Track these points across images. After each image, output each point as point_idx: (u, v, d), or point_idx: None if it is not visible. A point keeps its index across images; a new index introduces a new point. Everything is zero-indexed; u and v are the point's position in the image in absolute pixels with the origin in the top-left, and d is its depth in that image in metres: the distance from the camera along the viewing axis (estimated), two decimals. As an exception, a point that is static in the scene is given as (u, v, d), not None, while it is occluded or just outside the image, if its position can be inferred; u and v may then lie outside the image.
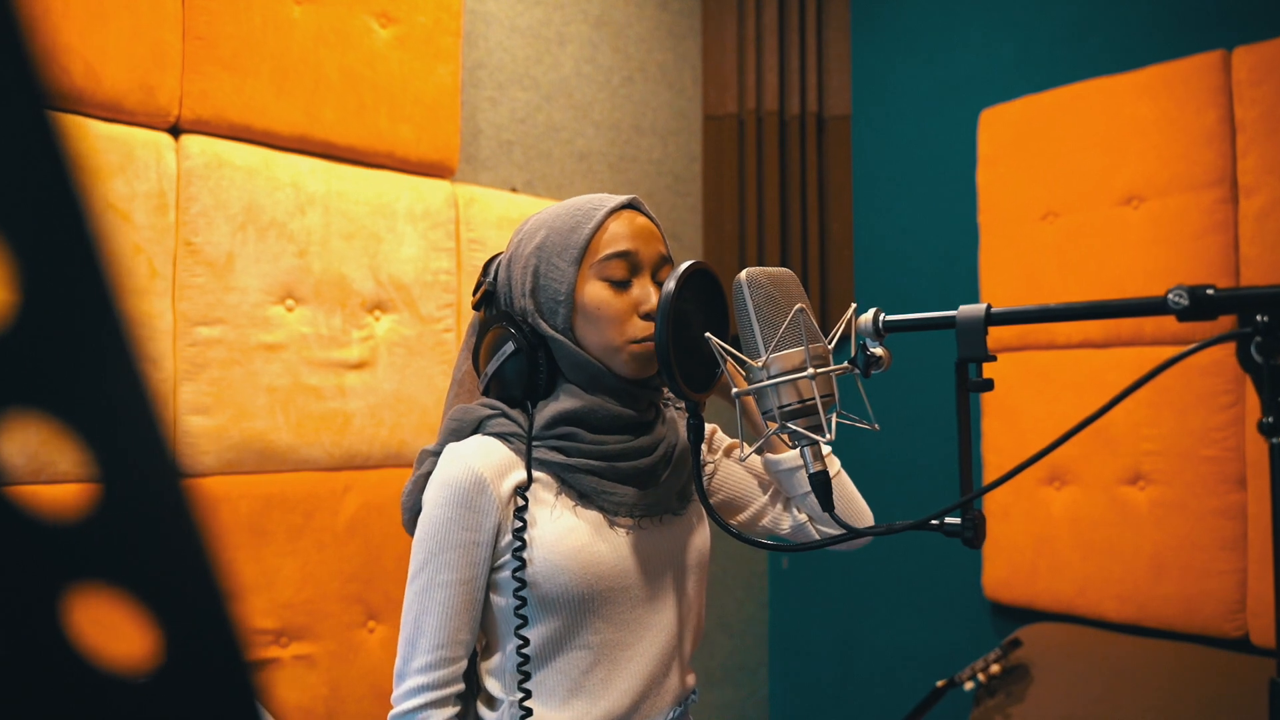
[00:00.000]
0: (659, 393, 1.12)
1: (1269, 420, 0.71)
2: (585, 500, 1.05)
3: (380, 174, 2.06)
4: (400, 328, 2.05)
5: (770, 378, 0.91)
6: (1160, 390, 2.14)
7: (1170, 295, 0.77)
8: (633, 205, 1.09)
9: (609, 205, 1.07)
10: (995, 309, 0.87)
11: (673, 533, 1.12)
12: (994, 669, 2.22)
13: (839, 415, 0.95)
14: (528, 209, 2.29)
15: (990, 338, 0.87)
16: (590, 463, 1.04)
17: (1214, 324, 1.83)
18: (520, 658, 1.02)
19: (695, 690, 1.16)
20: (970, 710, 2.28)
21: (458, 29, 2.20)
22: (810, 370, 0.90)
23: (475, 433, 1.07)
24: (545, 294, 1.06)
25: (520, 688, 1.02)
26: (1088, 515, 2.28)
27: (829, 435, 0.91)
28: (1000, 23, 2.63)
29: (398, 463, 2.04)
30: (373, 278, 2.01)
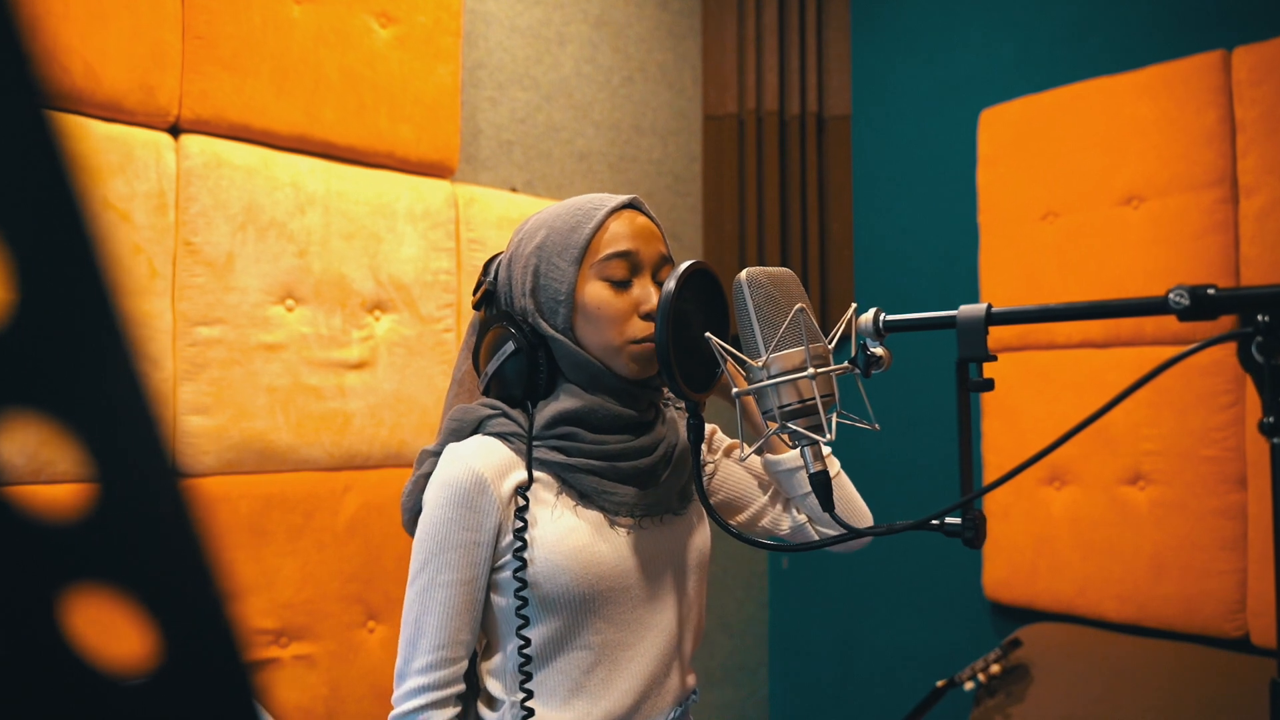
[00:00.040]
0: (659, 393, 1.12)
1: (1269, 420, 0.71)
2: (586, 500, 1.05)
3: (380, 174, 2.06)
4: (400, 328, 2.05)
5: (770, 378, 0.90)
6: (1160, 390, 2.14)
7: (1171, 295, 0.77)
8: (633, 205, 1.09)
9: (609, 205, 1.07)
10: (996, 309, 0.87)
11: (673, 533, 1.12)
12: (994, 669, 2.22)
13: (839, 415, 0.95)
14: (528, 209, 2.28)
15: (990, 338, 0.87)
16: (591, 463, 1.04)
17: (1214, 324, 1.83)
18: (521, 658, 1.02)
19: (696, 690, 1.16)
20: (970, 710, 2.28)
21: (458, 29, 2.20)
22: (810, 370, 0.89)
23: (475, 433, 1.07)
24: (545, 294, 1.06)
25: (521, 688, 1.02)
26: (1088, 515, 2.28)
27: (829, 435, 0.91)
28: (1000, 23, 2.63)
29: (398, 463, 2.04)
30: (373, 278, 2.01)
